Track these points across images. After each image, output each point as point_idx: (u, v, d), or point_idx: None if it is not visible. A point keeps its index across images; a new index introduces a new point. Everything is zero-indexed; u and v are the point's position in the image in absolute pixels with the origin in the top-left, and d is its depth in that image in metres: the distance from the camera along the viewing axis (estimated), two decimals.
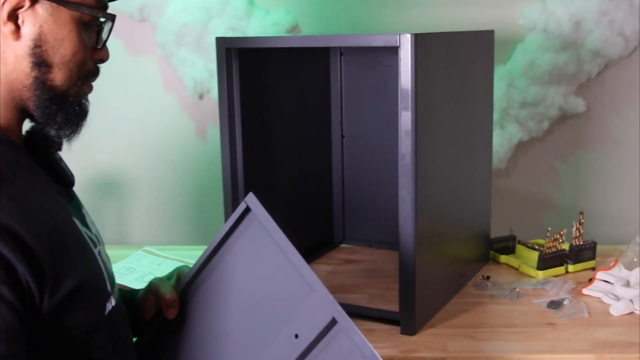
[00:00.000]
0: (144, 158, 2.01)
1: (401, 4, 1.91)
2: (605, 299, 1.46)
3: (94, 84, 1.01)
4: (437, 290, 1.44)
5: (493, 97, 1.68)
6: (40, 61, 0.92)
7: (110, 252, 1.08)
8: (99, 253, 1.01)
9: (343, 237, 1.85)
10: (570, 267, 1.63)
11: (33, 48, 0.92)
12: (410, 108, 1.25)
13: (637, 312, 1.41)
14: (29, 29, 0.91)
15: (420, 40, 1.24)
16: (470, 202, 1.59)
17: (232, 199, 1.48)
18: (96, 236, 1.04)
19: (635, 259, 1.56)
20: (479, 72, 1.59)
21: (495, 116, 1.83)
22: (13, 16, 0.90)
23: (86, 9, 0.94)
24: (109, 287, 1.00)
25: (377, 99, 1.75)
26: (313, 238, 1.51)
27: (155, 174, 2.02)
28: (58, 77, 0.94)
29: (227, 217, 1.49)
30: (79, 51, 0.95)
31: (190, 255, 1.75)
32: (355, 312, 1.41)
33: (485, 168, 1.66)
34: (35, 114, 0.95)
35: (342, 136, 1.80)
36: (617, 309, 1.41)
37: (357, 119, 1.79)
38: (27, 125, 1.00)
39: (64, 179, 1.03)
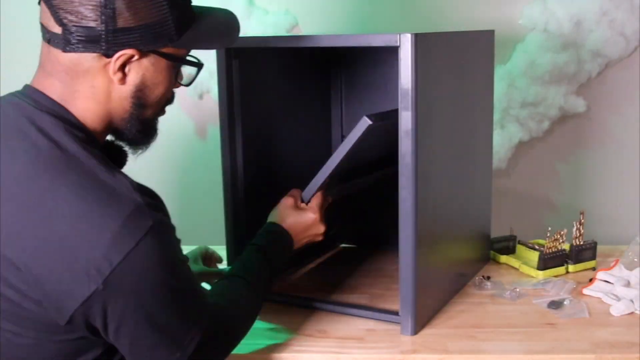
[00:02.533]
0: (143, 158, 2.01)
1: (401, 4, 1.91)
2: (606, 299, 1.45)
3: None
4: (437, 290, 1.43)
5: (493, 97, 1.68)
6: (140, 103, 1.07)
7: None
8: None
9: (343, 237, 1.84)
10: (571, 267, 1.62)
11: (135, 92, 1.05)
12: (410, 108, 1.25)
13: (637, 312, 1.41)
14: (133, 76, 1.04)
15: (421, 40, 1.24)
16: (470, 202, 1.59)
17: (232, 199, 1.47)
18: None
19: (635, 259, 1.56)
20: (479, 72, 1.58)
21: (496, 116, 1.83)
22: (122, 66, 1.02)
23: (181, 59, 1.08)
24: None
25: (377, 99, 1.75)
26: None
27: (155, 174, 2.02)
28: (150, 113, 1.10)
29: (227, 216, 1.49)
30: (168, 90, 1.10)
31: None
32: (356, 313, 1.42)
33: (486, 168, 1.66)
34: (124, 137, 1.11)
35: (342, 136, 1.80)
36: (617, 309, 1.41)
37: (357, 119, 1.78)
38: None
39: None
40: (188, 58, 1.11)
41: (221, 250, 1.53)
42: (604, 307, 1.43)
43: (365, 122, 1.27)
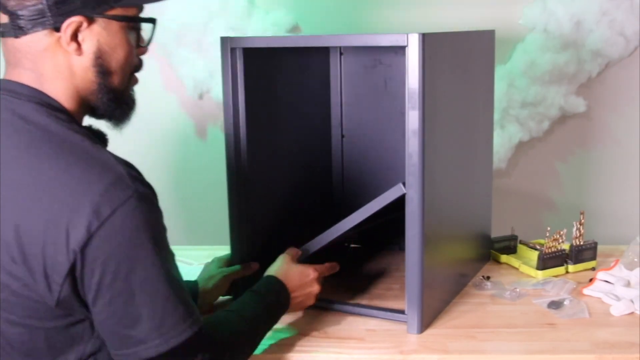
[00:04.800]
0: (143, 158, 2.00)
1: (400, 4, 1.91)
2: (606, 299, 1.45)
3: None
4: (440, 289, 1.44)
5: (494, 97, 1.68)
6: (103, 70, 1.07)
7: None
8: None
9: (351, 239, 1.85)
10: (571, 267, 1.62)
11: (95, 60, 1.06)
12: (417, 107, 1.26)
13: (637, 312, 1.41)
14: (88, 44, 1.05)
15: (428, 40, 1.25)
16: (471, 201, 1.59)
17: (236, 198, 1.47)
18: None
19: (635, 259, 1.56)
20: (480, 72, 1.59)
21: (496, 116, 1.83)
22: (74, 36, 1.03)
23: (131, 18, 1.08)
24: None
25: (377, 99, 1.75)
26: (313, 237, 1.52)
27: (155, 174, 2.01)
28: (116, 80, 1.10)
29: (231, 216, 1.49)
30: (129, 54, 1.10)
31: (190, 255, 1.75)
32: (361, 312, 1.42)
33: (486, 168, 1.66)
34: (98, 111, 1.11)
35: (342, 136, 1.80)
36: (617, 309, 1.41)
37: (357, 119, 1.78)
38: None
39: None
40: (138, 19, 1.11)
41: (223, 251, 1.53)
42: (604, 307, 1.43)
43: (399, 190, 1.31)
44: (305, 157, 1.71)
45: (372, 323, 1.38)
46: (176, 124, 2.00)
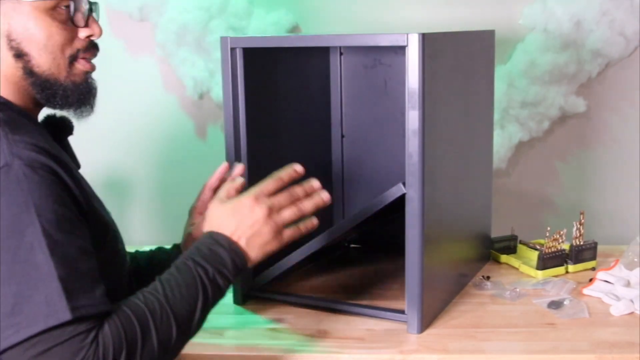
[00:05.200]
0: (143, 158, 2.01)
1: (400, 4, 1.91)
2: (606, 299, 1.45)
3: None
4: (440, 289, 1.44)
5: (493, 97, 1.68)
6: (19, 52, 1.03)
7: None
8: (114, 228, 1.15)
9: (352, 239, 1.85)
10: (571, 267, 1.62)
11: (9, 43, 1.03)
12: (417, 107, 1.26)
13: (637, 312, 1.41)
14: (0, 27, 1.02)
15: (428, 40, 1.25)
16: (471, 201, 1.59)
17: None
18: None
19: (635, 259, 1.56)
20: (479, 72, 1.59)
21: (496, 116, 1.83)
22: None
23: None
24: (123, 250, 1.17)
25: (377, 99, 1.75)
26: (313, 237, 1.51)
27: (155, 174, 2.02)
28: (41, 62, 1.04)
29: None
30: (53, 35, 1.04)
31: None
32: (361, 312, 1.42)
33: (486, 168, 1.66)
34: (45, 99, 1.07)
35: (342, 136, 1.80)
36: (617, 309, 1.41)
37: (357, 119, 1.78)
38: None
39: (74, 162, 1.15)
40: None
41: None
42: (604, 307, 1.43)
43: (399, 190, 1.31)
44: (305, 157, 1.71)
45: (372, 323, 1.38)
46: (176, 124, 2.00)
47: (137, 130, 1.99)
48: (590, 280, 1.54)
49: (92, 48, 1.10)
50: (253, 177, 1.49)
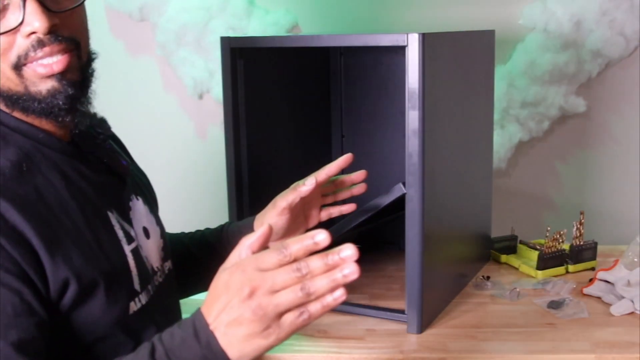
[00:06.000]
0: (143, 158, 2.01)
1: (400, 4, 1.91)
2: (606, 299, 1.45)
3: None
4: (440, 289, 1.44)
5: (493, 97, 1.68)
6: None
7: None
8: (135, 249, 0.99)
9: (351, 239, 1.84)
10: (571, 267, 1.62)
11: None
12: (417, 107, 1.26)
13: (637, 312, 1.41)
14: None
15: (428, 40, 1.25)
16: (471, 201, 1.59)
17: (237, 198, 1.47)
18: (144, 229, 1.05)
19: (635, 259, 1.56)
20: (479, 72, 1.59)
21: (496, 116, 1.83)
22: None
23: None
24: (137, 285, 0.97)
25: (377, 99, 1.75)
26: None
27: (155, 174, 2.02)
28: None
29: (231, 216, 1.49)
30: None
31: None
32: (361, 312, 1.42)
33: (486, 167, 1.66)
34: (21, 109, 0.91)
35: (342, 136, 1.80)
36: (617, 309, 1.41)
37: (357, 119, 1.78)
38: None
39: (114, 169, 1.03)
40: None
41: None
42: (604, 307, 1.43)
43: (399, 189, 1.31)
44: (305, 157, 1.71)
45: (372, 323, 1.38)
46: (176, 124, 2.00)
47: (137, 130, 1.99)
48: (590, 280, 1.54)
49: (41, 46, 0.87)
50: (253, 177, 1.50)
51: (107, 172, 1.01)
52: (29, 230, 0.83)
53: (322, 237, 0.79)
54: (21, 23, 0.85)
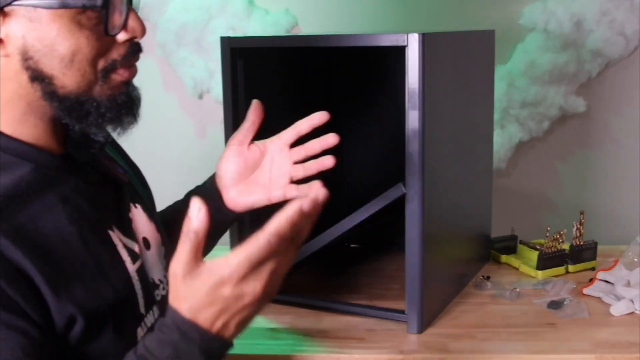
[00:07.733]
0: (143, 158, 2.01)
1: (400, 4, 1.91)
2: (606, 299, 1.45)
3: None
4: (440, 289, 1.44)
5: (493, 97, 1.68)
6: (36, 75, 0.83)
7: None
8: (140, 268, 0.95)
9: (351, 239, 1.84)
10: (571, 267, 1.62)
11: (24, 62, 0.82)
12: (417, 107, 1.26)
13: (637, 312, 1.41)
14: (12, 42, 0.81)
15: (428, 40, 1.25)
16: (471, 201, 1.59)
17: None
18: (144, 240, 0.99)
19: (635, 259, 1.56)
20: (479, 72, 1.59)
21: (496, 116, 1.83)
22: None
23: (66, 1, 0.81)
24: (142, 308, 0.94)
25: (377, 99, 1.75)
26: (313, 237, 1.52)
27: (155, 174, 2.01)
28: (68, 82, 0.84)
29: None
30: (81, 48, 0.83)
31: None
32: (360, 312, 1.42)
33: (486, 167, 1.66)
34: (64, 122, 0.88)
35: (342, 136, 1.80)
36: (617, 309, 1.41)
37: (357, 119, 1.78)
38: None
39: (111, 179, 0.98)
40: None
41: (223, 251, 1.52)
42: (604, 307, 1.43)
43: (399, 190, 1.30)
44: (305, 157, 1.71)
45: (372, 323, 1.38)
46: (176, 124, 2.00)
47: (136, 130, 1.98)
48: (590, 280, 1.54)
49: (133, 54, 0.91)
50: None
51: (103, 182, 0.97)
52: (30, 267, 0.79)
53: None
54: (124, 27, 0.87)
